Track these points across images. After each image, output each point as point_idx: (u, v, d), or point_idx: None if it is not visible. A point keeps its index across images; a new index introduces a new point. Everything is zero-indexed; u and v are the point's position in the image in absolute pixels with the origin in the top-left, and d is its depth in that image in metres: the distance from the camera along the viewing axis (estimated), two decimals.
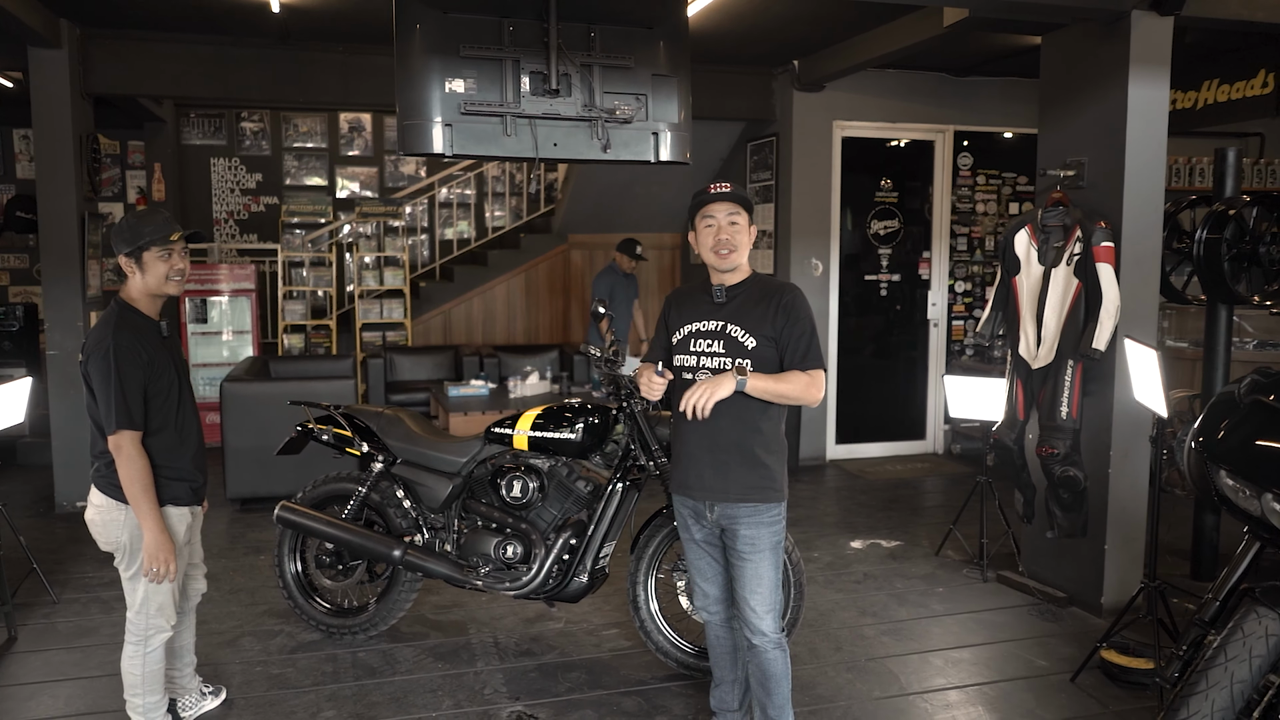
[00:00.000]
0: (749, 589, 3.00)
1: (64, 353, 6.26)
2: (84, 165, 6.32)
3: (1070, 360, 4.40)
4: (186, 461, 3.21)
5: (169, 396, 3.14)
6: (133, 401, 3.00)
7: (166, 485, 3.14)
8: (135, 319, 3.10)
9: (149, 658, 3.21)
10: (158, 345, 3.13)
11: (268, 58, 6.56)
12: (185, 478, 3.21)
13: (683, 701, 3.70)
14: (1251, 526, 2.82)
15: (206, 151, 9.95)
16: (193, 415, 3.28)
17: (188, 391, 3.27)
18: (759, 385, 2.84)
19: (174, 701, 3.53)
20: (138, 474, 2.99)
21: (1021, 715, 3.61)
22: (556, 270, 9.76)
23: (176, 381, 3.18)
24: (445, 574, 3.97)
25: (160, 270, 3.09)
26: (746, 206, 3.02)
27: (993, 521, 5.19)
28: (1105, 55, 4.43)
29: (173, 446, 3.16)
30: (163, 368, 3.11)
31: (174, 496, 3.18)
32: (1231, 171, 4.63)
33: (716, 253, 3.00)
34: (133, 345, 3.01)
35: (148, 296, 3.14)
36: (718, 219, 3.00)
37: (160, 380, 3.10)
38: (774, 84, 7.50)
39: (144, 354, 3.03)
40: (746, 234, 3.02)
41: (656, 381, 3.00)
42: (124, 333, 3.02)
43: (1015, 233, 4.68)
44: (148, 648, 3.20)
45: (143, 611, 3.17)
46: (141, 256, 3.08)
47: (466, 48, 3.70)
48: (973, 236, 8.00)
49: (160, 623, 3.20)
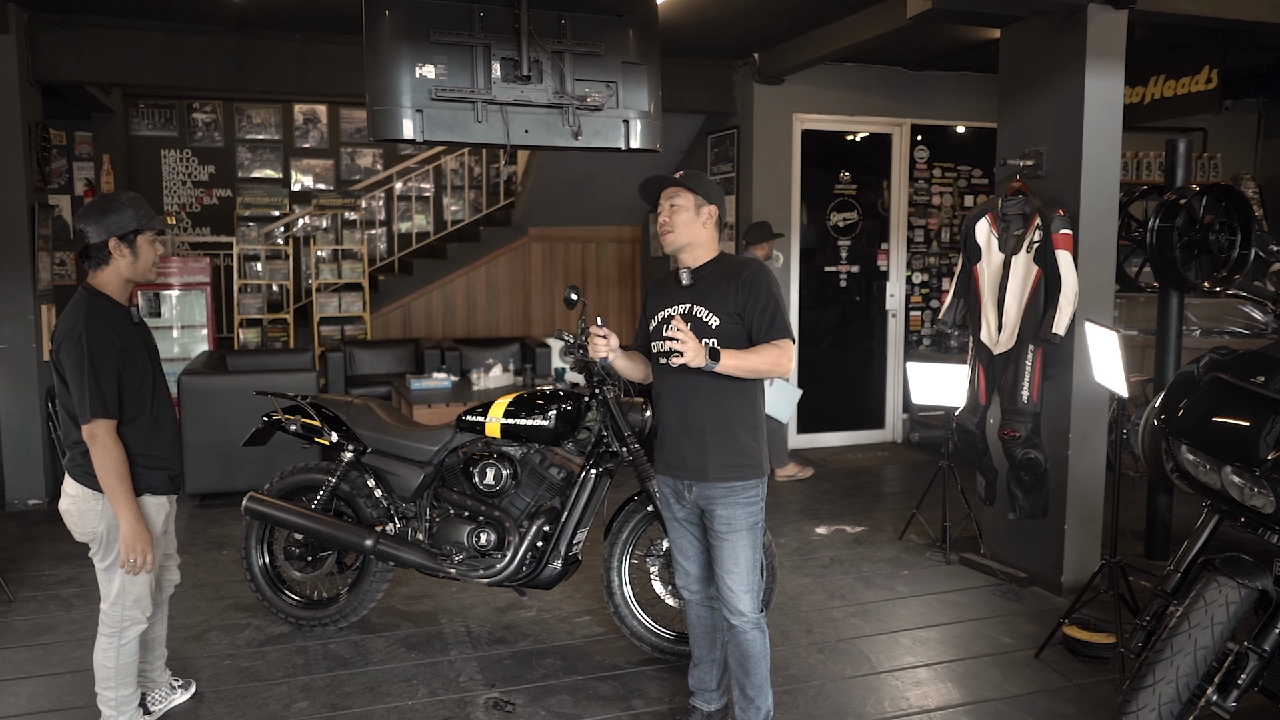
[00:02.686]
0: (727, 569, 3.03)
1: (14, 347, 6.11)
2: (33, 155, 6.17)
3: (1031, 345, 4.50)
4: (163, 449, 3.16)
5: (143, 383, 3.08)
6: (107, 389, 2.94)
7: (144, 474, 3.08)
8: (106, 305, 3.04)
9: (123, 650, 3.16)
10: (130, 331, 3.07)
11: (223, 46, 6.44)
12: (162, 466, 3.15)
13: (658, 685, 3.72)
14: (1211, 499, 2.93)
15: (157, 143, 9.75)
16: (167, 402, 3.23)
17: (161, 378, 3.21)
18: (730, 363, 2.87)
19: (144, 695, 3.48)
20: (113, 463, 2.93)
21: (990, 690, 3.70)
22: (517, 263, 9.73)
23: (150, 368, 3.13)
24: (418, 563, 3.96)
25: (149, 255, 3.08)
26: (688, 187, 3.04)
27: (955, 506, 5.30)
28: (1063, 48, 4.54)
29: (149, 434, 3.10)
30: (136, 354, 3.05)
31: (151, 485, 3.12)
32: (1182, 162, 4.77)
33: (660, 234, 3.06)
34: (105, 332, 2.95)
35: (122, 282, 3.07)
36: (663, 204, 3.07)
37: (135, 367, 3.04)
38: (734, 76, 7.55)
39: (117, 340, 2.97)
40: (691, 214, 3.03)
41: (598, 336, 3.05)
42: (95, 319, 2.95)
43: (976, 221, 4.77)
44: (122, 639, 3.15)
45: (119, 603, 3.12)
46: (135, 241, 3.04)
47: (437, 33, 3.69)
48: (929, 228, 8.13)
49: (136, 614, 3.15)
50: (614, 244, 9.84)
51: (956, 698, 3.64)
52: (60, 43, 6.18)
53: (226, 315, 9.23)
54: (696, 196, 3.04)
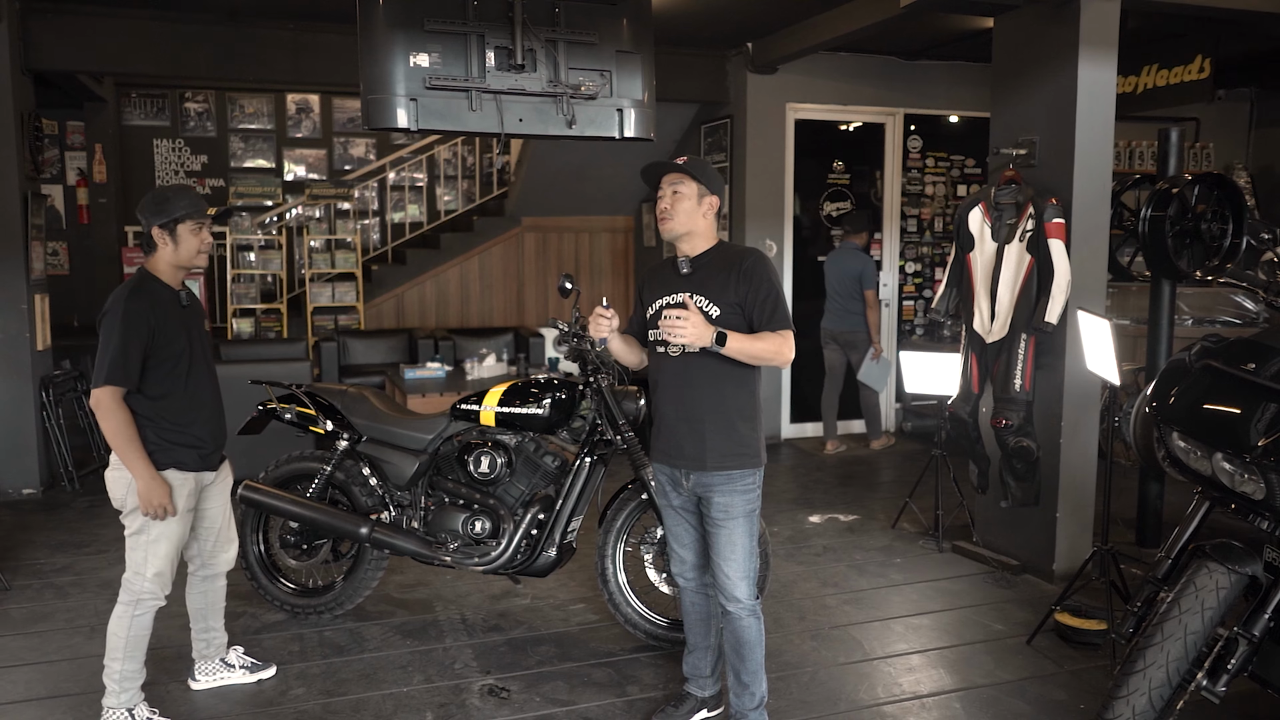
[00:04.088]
0: (723, 556, 3.05)
1: (7, 336, 6.09)
2: (26, 144, 6.14)
3: (1023, 334, 4.52)
4: (197, 429, 3.28)
5: (178, 364, 3.22)
6: (131, 360, 3.09)
7: (171, 449, 3.21)
8: (154, 287, 3.22)
9: (136, 621, 3.24)
10: (174, 314, 3.22)
11: (216, 35, 6.42)
12: (193, 444, 3.27)
13: (653, 671, 3.75)
14: (1202, 486, 2.95)
15: (149, 132, 9.72)
16: (206, 385, 3.34)
17: (201, 361, 3.33)
18: (735, 345, 2.87)
19: (193, 664, 3.65)
20: (119, 426, 3.08)
21: (982, 676, 3.73)
22: (510, 253, 9.72)
23: (188, 350, 3.25)
24: (413, 550, 3.97)
25: (192, 244, 3.24)
26: (693, 175, 3.02)
27: (947, 494, 5.32)
28: (1055, 37, 4.55)
29: (181, 411, 3.23)
30: (173, 335, 3.20)
31: (178, 461, 3.23)
32: (1174, 151, 4.79)
33: (659, 222, 3.04)
34: (142, 311, 3.12)
35: (172, 268, 3.26)
36: (664, 190, 3.05)
37: (169, 347, 3.18)
38: (728, 66, 7.55)
39: (152, 320, 3.14)
40: (693, 203, 3.01)
41: (601, 317, 3.04)
42: (138, 298, 3.14)
43: (969, 210, 4.79)
44: (136, 611, 3.23)
45: (140, 574, 3.23)
46: (176, 229, 3.21)
47: (431, 21, 3.68)
48: (922, 218, 8.15)
49: (154, 589, 3.24)
50: (607, 234, 9.84)
51: (949, 684, 3.67)
52: (53, 32, 6.15)
53: (220, 305, 9.21)
54: (700, 185, 3.03)
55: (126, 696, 3.27)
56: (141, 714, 3.30)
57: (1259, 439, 2.66)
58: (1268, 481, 2.63)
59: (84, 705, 3.46)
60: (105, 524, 5.57)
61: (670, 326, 2.81)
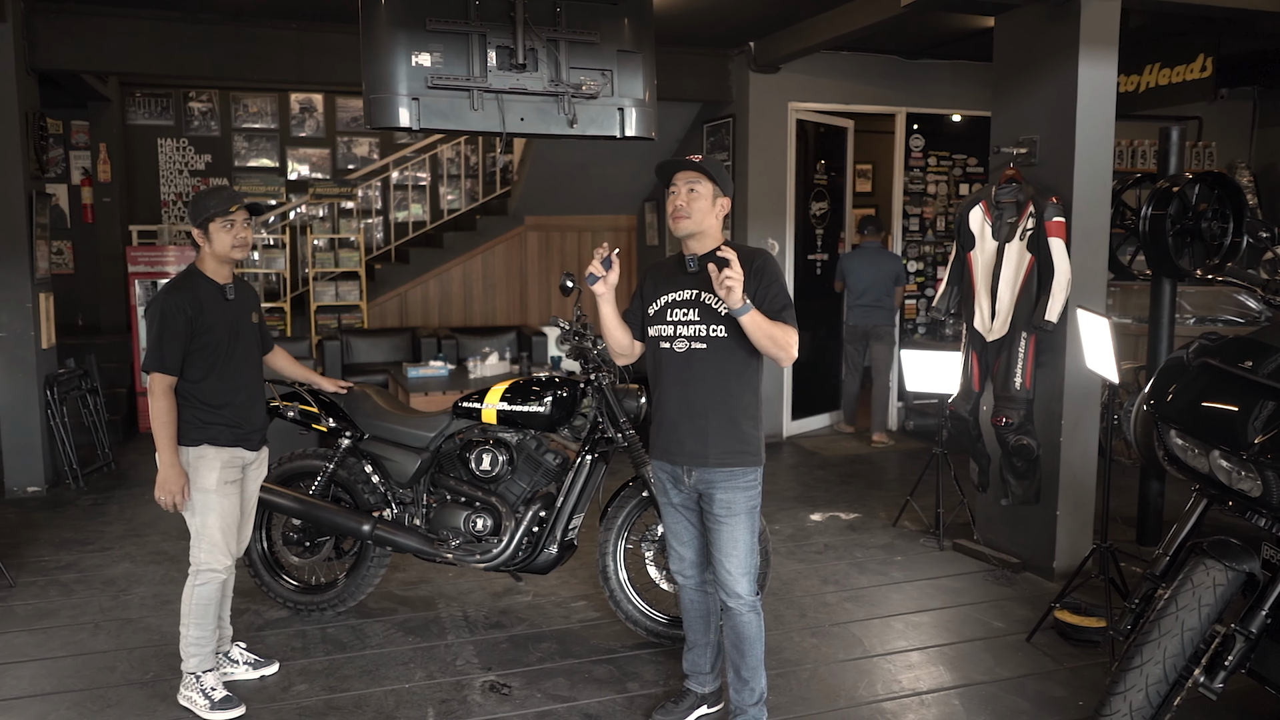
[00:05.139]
0: (725, 552, 3.06)
1: (12, 335, 6.12)
2: (30, 143, 6.17)
3: (1023, 332, 4.53)
4: (230, 411, 3.46)
5: (215, 351, 3.42)
6: (167, 349, 3.32)
7: (205, 427, 3.42)
8: (197, 281, 3.44)
9: (198, 591, 3.44)
10: (214, 307, 3.43)
11: (220, 34, 6.44)
12: (226, 423, 3.45)
13: (653, 668, 3.76)
14: (1200, 484, 2.96)
15: (153, 132, 9.75)
16: (243, 370, 3.53)
17: (241, 350, 3.53)
18: (757, 319, 2.89)
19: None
20: (160, 412, 3.33)
21: (981, 673, 3.74)
22: (513, 252, 9.74)
23: (226, 340, 3.45)
24: (415, 547, 3.99)
25: (225, 239, 3.42)
26: (710, 176, 3.04)
27: (948, 492, 5.33)
28: (1056, 35, 4.56)
29: (216, 393, 3.43)
30: (212, 325, 3.40)
31: (212, 437, 3.43)
32: (1175, 150, 4.79)
33: (672, 218, 3.05)
34: (182, 303, 3.35)
35: (215, 262, 3.47)
36: (679, 187, 3.05)
37: (207, 335, 3.39)
38: (730, 65, 7.56)
39: (189, 310, 3.35)
40: (708, 202, 3.03)
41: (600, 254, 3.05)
42: (180, 292, 3.38)
43: (970, 209, 4.80)
44: (197, 581, 3.44)
45: (196, 545, 3.45)
46: (208, 228, 3.41)
47: (433, 21, 3.70)
48: (924, 217, 8.16)
49: (209, 560, 3.43)
50: (610, 233, 9.86)
51: (948, 680, 3.68)
52: (57, 31, 6.18)
53: None
54: (715, 186, 3.05)
55: (195, 662, 3.44)
56: (208, 682, 3.43)
57: (1256, 436, 2.67)
58: (1264, 478, 2.64)
59: (88, 701, 3.49)
60: (109, 522, 5.60)
61: (726, 274, 2.80)
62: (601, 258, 3.05)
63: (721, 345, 3.02)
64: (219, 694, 3.42)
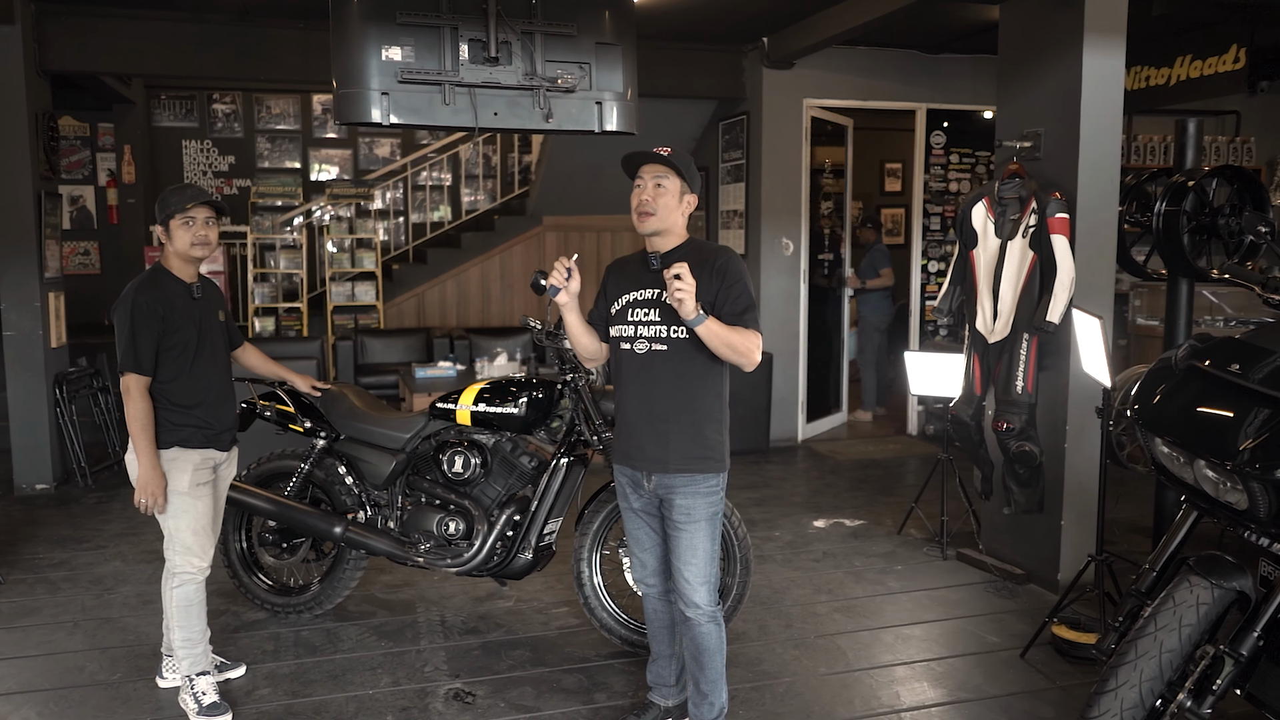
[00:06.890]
0: (684, 560, 2.94)
1: (21, 334, 6.18)
2: (40, 144, 6.23)
3: (1025, 334, 4.34)
4: (203, 410, 3.41)
5: (185, 350, 3.37)
6: (141, 349, 3.26)
7: (176, 428, 3.37)
8: (163, 279, 3.39)
9: (176, 593, 3.40)
10: (182, 306, 3.37)
11: (227, 35, 6.46)
12: (197, 424, 3.40)
13: (624, 678, 3.65)
14: (1188, 495, 2.77)
15: (178, 134, 9.87)
16: (213, 370, 3.48)
17: (209, 349, 3.47)
18: (713, 328, 2.76)
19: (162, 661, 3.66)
20: (138, 414, 3.28)
21: (968, 691, 3.57)
22: (531, 252, 9.69)
23: (195, 338, 3.40)
24: (386, 550, 3.92)
25: (184, 237, 3.36)
26: (678, 171, 2.92)
27: (954, 499, 5.15)
28: (1060, 24, 4.36)
29: (187, 393, 3.38)
30: (181, 324, 3.35)
31: (183, 439, 3.38)
32: (1192, 143, 4.55)
33: (636, 214, 2.92)
34: (151, 301, 3.29)
35: (179, 261, 3.42)
36: (645, 181, 2.92)
37: (176, 335, 3.33)
38: (744, 62, 7.42)
39: (160, 309, 3.29)
40: (675, 199, 2.90)
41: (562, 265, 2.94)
42: (148, 290, 3.32)
43: (972, 206, 4.61)
44: (174, 583, 3.40)
45: (170, 548, 3.40)
46: (169, 225, 3.37)
47: (404, 14, 3.63)
48: (946, 216, 7.94)
49: (183, 563, 3.38)
50: (629, 233, 9.75)
51: (930, 698, 3.51)
52: (66, 33, 6.23)
53: (242, 303, 9.31)
54: (682, 182, 2.92)
55: (187, 664, 3.40)
56: (199, 686, 3.39)
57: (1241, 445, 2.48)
58: (1249, 490, 2.45)
59: (51, 701, 3.46)
60: (110, 520, 5.62)
61: (676, 286, 2.69)
62: (564, 269, 2.95)
63: (683, 347, 2.89)
64: (207, 699, 3.35)
